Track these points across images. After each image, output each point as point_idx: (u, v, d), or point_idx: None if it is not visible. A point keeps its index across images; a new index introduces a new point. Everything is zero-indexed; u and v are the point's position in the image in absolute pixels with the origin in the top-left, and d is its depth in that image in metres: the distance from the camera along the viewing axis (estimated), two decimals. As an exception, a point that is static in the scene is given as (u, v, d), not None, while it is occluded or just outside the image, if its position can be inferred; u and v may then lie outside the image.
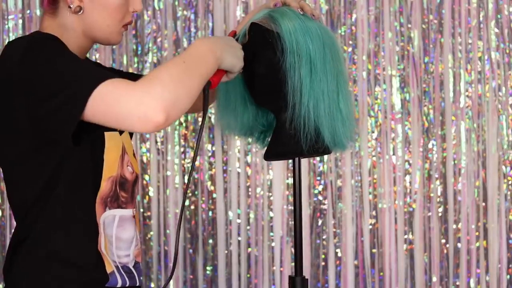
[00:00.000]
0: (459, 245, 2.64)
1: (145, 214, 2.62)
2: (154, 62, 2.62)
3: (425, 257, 2.64)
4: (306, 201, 2.63)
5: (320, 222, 2.64)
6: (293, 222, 1.56)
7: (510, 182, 2.65)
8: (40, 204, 1.44)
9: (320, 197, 2.64)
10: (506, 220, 2.65)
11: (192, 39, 2.63)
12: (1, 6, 2.60)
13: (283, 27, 1.51)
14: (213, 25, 2.64)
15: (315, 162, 2.64)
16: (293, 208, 1.56)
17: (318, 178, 2.64)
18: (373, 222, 2.63)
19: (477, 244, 2.64)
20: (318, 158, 2.63)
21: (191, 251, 2.63)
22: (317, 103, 1.50)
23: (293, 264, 2.00)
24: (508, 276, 2.65)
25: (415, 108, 2.64)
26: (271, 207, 2.63)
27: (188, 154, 2.62)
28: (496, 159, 2.64)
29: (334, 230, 2.63)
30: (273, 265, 2.64)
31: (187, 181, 1.41)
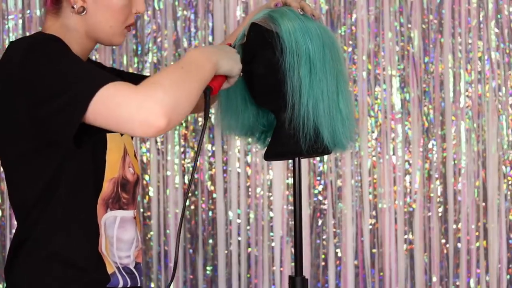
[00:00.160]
0: (459, 245, 2.64)
1: (145, 214, 2.62)
2: (154, 62, 2.62)
3: (425, 257, 2.64)
4: (306, 201, 2.62)
5: (320, 222, 2.64)
6: (293, 222, 1.56)
7: (510, 182, 2.65)
8: (41, 205, 1.44)
9: (320, 197, 2.64)
10: (506, 220, 2.64)
11: (192, 39, 2.63)
12: (1, 6, 2.60)
13: (283, 27, 1.51)
14: (213, 25, 2.64)
15: (315, 162, 2.64)
16: (293, 208, 1.56)
17: (318, 178, 2.64)
18: (373, 222, 2.63)
19: (477, 244, 2.64)
20: (318, 158, 2.63)
21: (191, 251, 2.63)
22: (317, 103, 1.50)
23: (293, 264, 2.00)
24: (508, 276, 2.65)
25: (415, 108, 2.64)
26: (271, 207, 2.63)
27: (188, 154, 2.62)
28: (496, 159, 2.64)
29: (334, 230, 2.63)
30: (273, 265, 2.64)
31: (188, 185, 1.40)
